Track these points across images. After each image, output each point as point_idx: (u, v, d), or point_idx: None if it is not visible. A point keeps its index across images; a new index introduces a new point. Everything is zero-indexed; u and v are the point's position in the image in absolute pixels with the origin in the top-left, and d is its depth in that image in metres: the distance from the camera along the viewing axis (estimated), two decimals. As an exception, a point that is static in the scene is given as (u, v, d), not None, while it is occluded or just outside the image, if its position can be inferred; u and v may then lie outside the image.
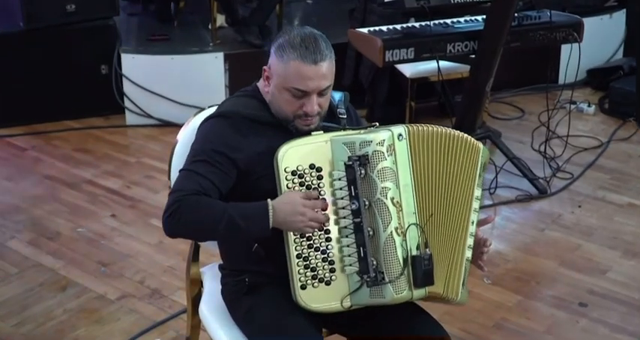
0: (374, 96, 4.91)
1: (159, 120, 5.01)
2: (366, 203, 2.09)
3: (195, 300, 2.50)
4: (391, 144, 2.11)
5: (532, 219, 4.00)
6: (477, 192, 2.25)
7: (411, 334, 2.19)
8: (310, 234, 2.12)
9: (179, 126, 2.53)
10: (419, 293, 2.14)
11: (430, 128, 2.19)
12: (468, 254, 2.24)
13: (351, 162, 2.09)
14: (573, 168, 4.46)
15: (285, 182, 2.11)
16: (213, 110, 2.46)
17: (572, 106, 4.93)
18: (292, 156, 2.11)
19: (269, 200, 2.10)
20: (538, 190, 4.22)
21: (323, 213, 2.12)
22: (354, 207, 2.10)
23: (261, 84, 2.28)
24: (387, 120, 2.59)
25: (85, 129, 4.98)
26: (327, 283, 2.14)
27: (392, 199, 2.09)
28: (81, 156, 4.65)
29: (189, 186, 2.12)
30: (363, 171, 2.08)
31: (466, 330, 3.14)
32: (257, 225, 2.09)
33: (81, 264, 3.59)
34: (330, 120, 2.26)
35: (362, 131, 2.18)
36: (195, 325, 2.55)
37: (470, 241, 2.24)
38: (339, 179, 2.11)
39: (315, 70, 2.12)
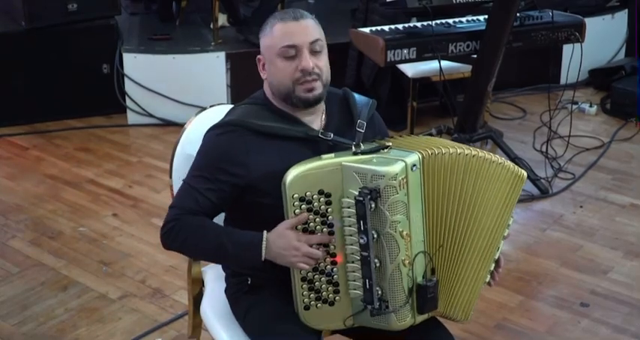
0: (376, 95, 4.88)
1: (160, 119, 5.01)
2: (375, 235, 2.03)
3: (197, 300, 2.50)
4: (404, 178, 2.02)
5: (534, 220, 4.00)
6: (510, 220, 2.18)
7: (417, 335, 2.17)
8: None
9: (181, 125, 2.54)
10: (421, 318, 2.14)
11: (459, 151, 2.10)
12: (487, 278, 2.20)
13: (361, 197, 2.00)
14: (575, 169, 4.46)
15: (293, 208, 2.05)
16: (213, 110, 2.46)
17: (574, 106, 4.93)
18: (300, 182, 2.03)
19: (265, 232, 2.07)
20: (540, 190, 4.21)
21: (325, 248, 2.07)
22: (362, 241, 2.03)
23: (266, 88, 2.24)
24: (388, 120, 2.59)
25: (86, 129, 4.98)
26: (331, 304, 2.12)
27: (401, 232, 2.03)
28: (82, 155, 4.65)
29: (187, 204, 2.12)
30: (373, 205, 2.01)
31: (467, 330, 3.14)
32: (248, 256, 2.08)
33: (82, 264, 3.59)
34: (349, 129, 2.21)
35: (374, 158, 2.08)
36: (197, 325, 2.55)
37: (492, 266, 2.20)
38: (349, 207, 2.05)
39: (297, 25, 2.12)
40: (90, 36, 5.02)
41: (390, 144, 2.14)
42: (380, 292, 2.07)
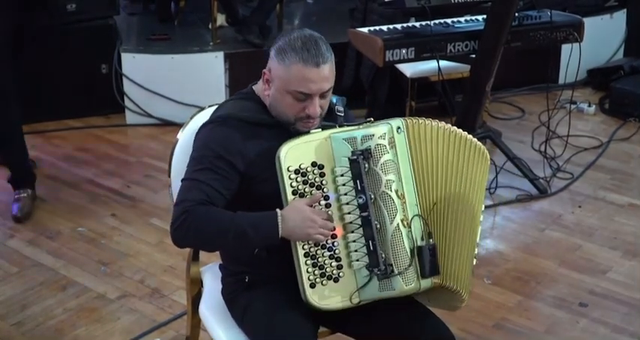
0: (374, 95, 4.90)
1: (159, 119, 5.01)
2: (372, 196, 2.10)
3: (195, 300, 2.50)
4: (392, 137, 2.13)
5: (532, 219, 4.00)
6: (482, 206, 2.30)
7: (417, 334, 2.18)
8: None
9: (179, 125, 2.54)
10: (425, 283, 2.16)
11: (440, 125, 2.26)
12: (475, 251, 2.28)
13: (355, 157, 2.09)
14: (573, 168, 4.46)
15: (289, 181, 2.10)
16: (213, 110, 2.46)
17: (573, 106, 4.94)
18: (294, 155, 2.11)
19: (278, 210, 2.09)
20: (538, 190, 4.21)
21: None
22: (360, 200, 2.10)
23: (257, 86, 2.27)
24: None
25: (85, 129, 4.98)
26: (336, 280, 2.14)
27: (396, 191, 2.11)
28: (81, 155, 4.65)
29: (195, 196, 2.10)
30: (367, 165, 2.09)
31: (466, 330, 3.14)
32: (266, 234, 2.09)
33: (81, 264, 3.59)
34: (328, 118, 2.26)
35: (360, 126, 2.18)
36: (195, 325, 2.55)
37: (478, 240, 2.29)
38: (342, 175, 2.12)
39: (317, 73, 2.12)
40: (88, 36, 5.01)
41: (372, 119, 2.23)
42: (384, 256, 2.11)
